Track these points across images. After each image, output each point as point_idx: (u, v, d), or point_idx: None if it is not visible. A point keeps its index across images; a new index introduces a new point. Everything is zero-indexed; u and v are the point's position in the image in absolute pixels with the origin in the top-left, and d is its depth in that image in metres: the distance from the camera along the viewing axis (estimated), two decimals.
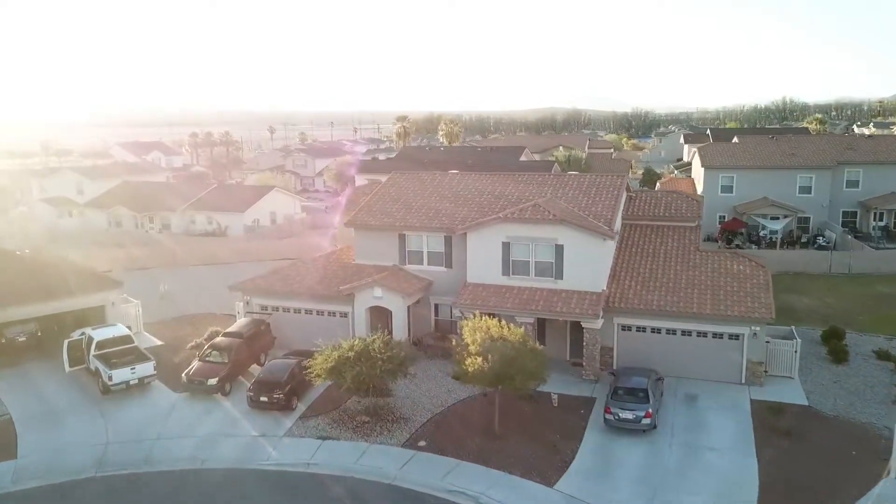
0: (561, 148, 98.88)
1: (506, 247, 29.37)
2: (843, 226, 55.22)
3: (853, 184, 55.58)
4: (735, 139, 65.09)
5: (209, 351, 28.84)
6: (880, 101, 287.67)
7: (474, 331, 23.86)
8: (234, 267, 51.71)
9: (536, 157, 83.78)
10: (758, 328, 27.37)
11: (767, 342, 28.12)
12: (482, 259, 29.74)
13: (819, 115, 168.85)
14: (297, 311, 32.38)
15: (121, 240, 62.72)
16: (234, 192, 74.35)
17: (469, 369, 22.89)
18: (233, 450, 23.90)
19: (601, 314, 27.77)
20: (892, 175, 54.47)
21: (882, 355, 30.72)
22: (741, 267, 29.97)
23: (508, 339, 23.20)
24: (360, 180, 67.07)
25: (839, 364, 30.09)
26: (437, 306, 32.29)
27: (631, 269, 30.53)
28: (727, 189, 56.62)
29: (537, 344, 23.80)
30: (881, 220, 54.86)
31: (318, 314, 32.12)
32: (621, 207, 32.09)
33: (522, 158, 67.22)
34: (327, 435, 24.75)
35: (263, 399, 26.04)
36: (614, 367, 28.58)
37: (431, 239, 31.51)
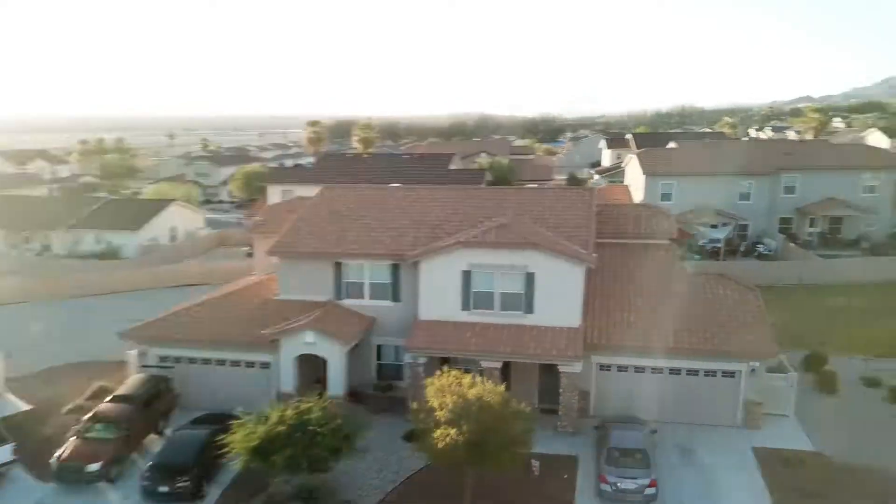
0: (484, 154, 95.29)
1: (466, 276, 24.53)
2: (780, 232, 54.02)
3: (790, 189, 54.53)
4: (672, 144, 63.17)
5: (90, 425, 22.24)
6: (770, 106, 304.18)
7: (443, 392, 18.82)
8: (128, 297, 44.44)
9: (461, 163, 79.49)
10: (756, 364, 23.93)
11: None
12: (438, 291, 24.75)
13: (731, 120, 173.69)
14: (207, 361, 26.16)
15: None
16: (127, 207, 65.64)
17: (439, 444, 17.87)
18: None
19: (581, 354, 23.45)
20: (829, 181, 53.68)
21: (871, 382, 28.19)
22: (728, 291, 26.51)
23: (487, 401, 18.35)
24: (274, 191, 60.33)
25: (829, 395, 27.25)
26: (379, 348, 27.04)
27: (605, 298, 26.39)
28: (667, 197, 54.17)
29: (521, 404, 18.98)
30: (815, 226, 54.02)
31: (232, 365, 25.99)
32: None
33: (453, 167, 62.63)
34: None
35: (163, 489, 19.95)
36: (595, 417, 24.38)
37: (375, 268, 26.22)
